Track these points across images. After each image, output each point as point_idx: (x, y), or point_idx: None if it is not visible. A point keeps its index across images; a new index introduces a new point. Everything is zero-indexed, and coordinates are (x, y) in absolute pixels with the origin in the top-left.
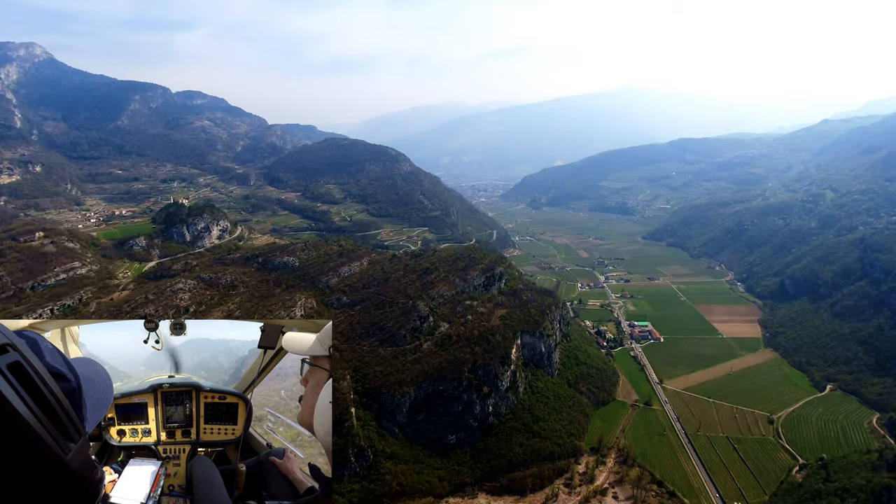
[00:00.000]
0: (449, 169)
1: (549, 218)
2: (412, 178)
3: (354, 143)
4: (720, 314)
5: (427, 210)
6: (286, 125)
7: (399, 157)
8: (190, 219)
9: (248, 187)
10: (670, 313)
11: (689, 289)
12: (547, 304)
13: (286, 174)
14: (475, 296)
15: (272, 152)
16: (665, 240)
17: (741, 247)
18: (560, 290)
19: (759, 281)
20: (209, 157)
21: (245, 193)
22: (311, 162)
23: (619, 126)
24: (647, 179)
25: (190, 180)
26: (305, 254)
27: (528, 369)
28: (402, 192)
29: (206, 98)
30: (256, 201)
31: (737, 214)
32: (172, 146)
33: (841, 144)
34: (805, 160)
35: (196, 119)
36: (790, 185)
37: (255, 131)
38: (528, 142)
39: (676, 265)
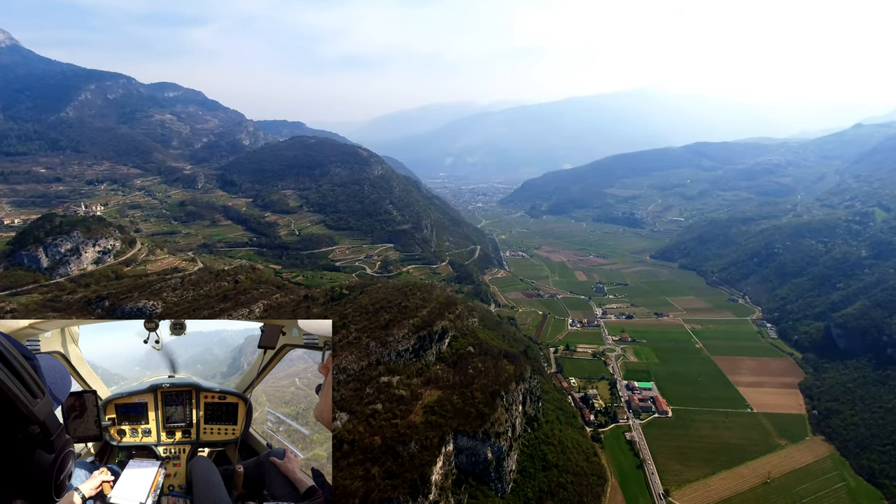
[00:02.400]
0: (452, 170)
1: (548, 228)
2: (381, 184)
3: (322, 143)
4: (747, 372)
5: (395, 222)
6: (269, 121)
7: (370, 158)
8: (50, 238)
9: (192, 191)
10: (682, 369)
11: (707, 331)
12: (505, 379)
13: (242, 176)
14: (398, 367)
15: (232, 151)
16: (677, 260)
17: (770, 275)
18: (546, 328)
19: (795, 324)
20: (154, 156)
21: (185, 198)
22: (272, 163)
23: (631, 127)
24: (659, 187)
25: (123, 182)
26: (178, 294)
27: (464, 489)
28: (368, 200)
29: (179, 90)
30: (195, 209)
31: (763, 234)
32: (117, 142)
33: (882, 153)
34: (840, 169)
35: (158, 112)
36: (825, 198)
37: (224, 127)
38: (537, 143)
39: (690, 295)
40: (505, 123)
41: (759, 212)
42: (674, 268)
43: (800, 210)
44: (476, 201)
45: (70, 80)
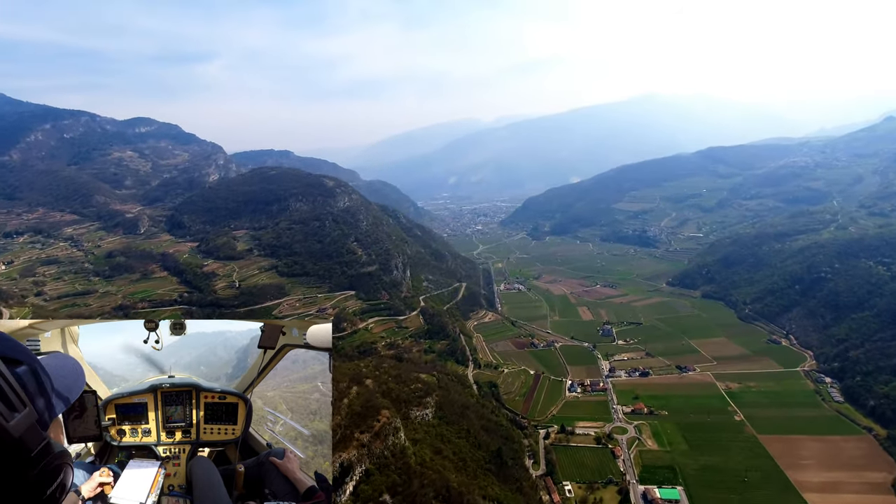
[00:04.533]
0: (455, 190)
1: (551, 252)
2: (346, 218)
3: (284, 174)
4: (813, 462)
5: (359, 264)
6: (254, 152)
7: (336, 189)
8: None
9: (131, 237)
10: (720, 460)
11: (747, 392)
12: None
13: (194, 217)
14: None
15: (189, 187)
16: (699, 287)
17: (819, 308)
18: (537, 396)
19: (867, 381)
20: (96, 199)
21: (118, 247)
22: (228, 200)
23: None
24: (672, 199)
25: (49, 232)
26: None
27: None
28: (329, 238)
29: (153, 125)
30: (126, 259)
31: (803, 253)
32: (56, 185)
33: None
34: (879, 169)
35: (119, 150)
36: (871, 204)
37: (192, 161)
38: (543, 157)
39: (720, 336)
40: (510, 139)
41: (792, 225)
42: (696, 297)
43: (843, 221)
44: (476, 223)
45: (25, 120)
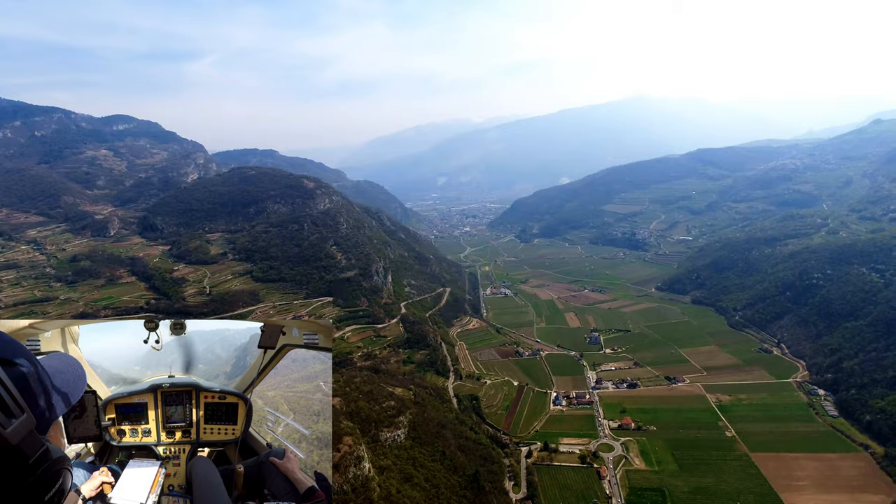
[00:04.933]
0: (445, 191)
1: (539, 255)
2: (325, 221)
3: (263, 174)
4: (808, 483)
5: (338, 269)
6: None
7: (317, 190)
8: None
9: (100, 240)
10: (712, 482)
11: (737, 406)
12: None
13: (167, 218)
14: None
15: (164, 188)
16: (689, 292)
17: (811, 316)
18: (520, 410)
19: (862, 394)
20: (64, 199)
21: (84, 250)
22: (204, 201)
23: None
24: (662, 201)
25: (11, 234)
26: None
27: None
28: (307, 241)
29: (132, 122)
30: (91, 264)
31: (795, 258)
32: (23, 185)
33: None
34: (868, 172)
35: (93, 149)
36: (862, 208)
37: (170, 160)
38: (533, 157)
39: (709, 343)
40: (499, 140)
41: (783, 229)
42: (686, 303)
43: (833, 225)
44: (464, 224)
45: None
